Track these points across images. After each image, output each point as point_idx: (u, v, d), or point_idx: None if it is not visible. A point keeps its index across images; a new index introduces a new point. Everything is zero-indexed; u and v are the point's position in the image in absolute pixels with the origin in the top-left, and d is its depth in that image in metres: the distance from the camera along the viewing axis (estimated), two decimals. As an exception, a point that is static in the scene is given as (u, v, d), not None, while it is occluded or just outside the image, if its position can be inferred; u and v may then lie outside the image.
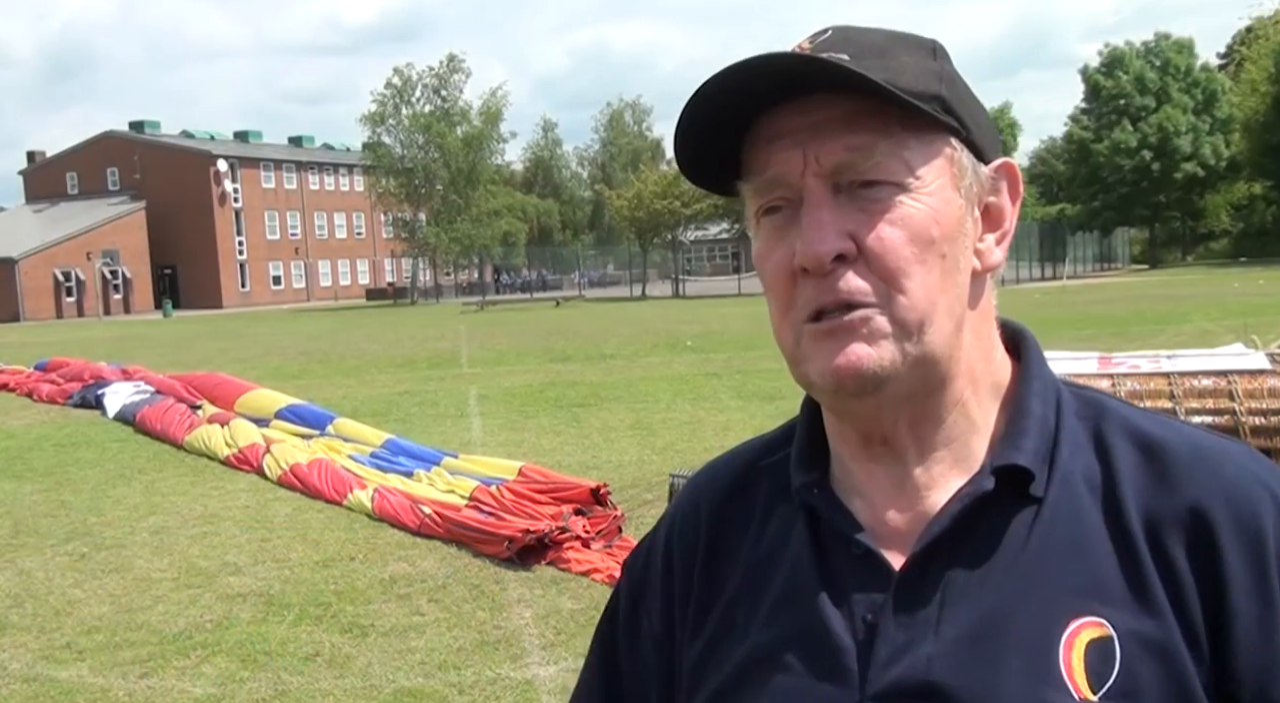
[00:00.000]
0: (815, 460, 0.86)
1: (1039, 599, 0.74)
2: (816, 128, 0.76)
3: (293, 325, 36.01)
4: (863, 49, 0.76)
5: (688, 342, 20.56)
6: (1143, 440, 0.78)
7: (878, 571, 0.78)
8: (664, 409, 11.66)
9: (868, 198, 0.75)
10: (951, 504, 0.78)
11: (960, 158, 0.78)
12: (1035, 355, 0.84)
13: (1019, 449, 0.78)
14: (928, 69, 0.78)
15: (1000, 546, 0.76)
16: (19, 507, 8.14)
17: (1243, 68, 61.55)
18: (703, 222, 56.28)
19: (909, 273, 0.75)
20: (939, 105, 0.76)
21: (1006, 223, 0.82)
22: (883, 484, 0.82)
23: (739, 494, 0.91)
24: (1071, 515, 0.76)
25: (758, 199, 0.80)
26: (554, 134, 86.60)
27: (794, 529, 0.85)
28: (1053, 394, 0.82)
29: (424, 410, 12.47)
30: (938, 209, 0.76)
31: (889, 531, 0.80)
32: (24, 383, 15.56)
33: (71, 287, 60.47)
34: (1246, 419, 2.75)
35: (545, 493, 6.86)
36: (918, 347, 0.76)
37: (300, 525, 7.10)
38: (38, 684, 4.64)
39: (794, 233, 0.77)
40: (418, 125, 57.41)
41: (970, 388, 0.81)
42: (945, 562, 0.77)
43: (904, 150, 0.76)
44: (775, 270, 0.79)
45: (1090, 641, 0.72)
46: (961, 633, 0.74)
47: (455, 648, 4.86)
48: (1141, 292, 32.28)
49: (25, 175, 74.36)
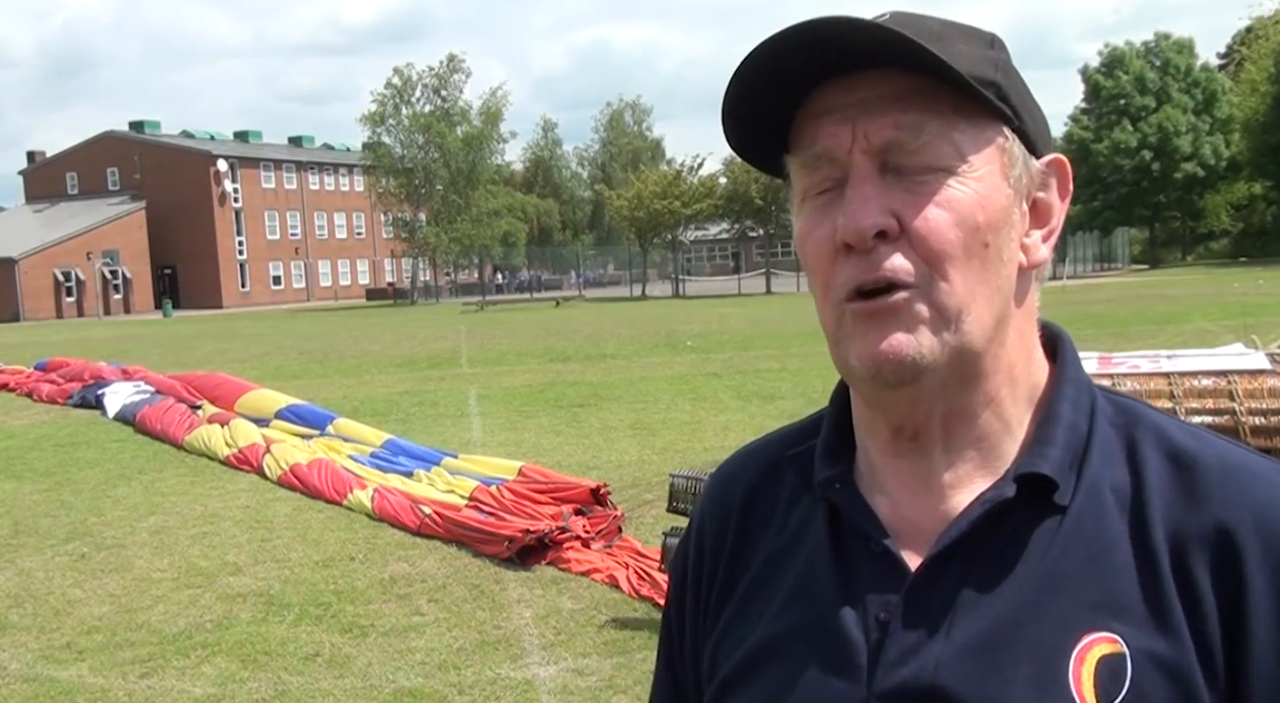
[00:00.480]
0: (841, 454, 0.85)
1: (1053, 611, 0.73)
2: (867, 104, 0.75)
3: (293, 325, 36.01)
4: (919, 32, 0.74)
5: (688, 342, 20.56)
6: (1175, 453, 0.77)
7: (894, 570, 0.78)
8: (664, 409, 11.66)
9: (915, 179, 0.74)
10: (972, 508, 0.76)
11: (1011, 148, 0.77)
12: (1072, 358, 0.83)
13: (1044, 458, 0.76)
14: (985, 56, 0.77)
15: (1018, 553, 0.75)
16: (19, 507, 8.14)
17: (1243, 68, 61.54)
18: (703, 222, 56.27)
19: (951, 257, 0.74)
20: (994, 92, 0.75)
21: (1054, 220, 0.81)
22: (907, 481, 0.81)
23: (765, 484, 0.91)
24: (1095, 527, 0.75)
25: (804, 177, 0.79)
26: (554, 134, 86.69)
27: (814, 522, 0.84)
28: (1087, 400, 0.80)
29: (424, 410, 12.47)
30: (985, 195, 0.75)
31: (910, 529, 0.80)
32: (24, 383, 15.57)
33: (71, 287, 60.45)
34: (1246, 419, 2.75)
35: (545, 493, 6.86)
36: (955, 336, 0.75)
37: (300, 525, 7.10)
38: (38, 684, 4.64)
39: (837, 211, 0.75)
40: (418, 125, 57.41)
41: (1007, 387, 0.79)
42: (962, 566, 0.76)
43: (954, 132, 0.75)
44: (816, 248, 0.77)
45: (1102, 657, 0.71)
46: (972, 639, 0.73)
47: (455, 648, 4.86)
48: (1141, 292, 32.27)
49: (25, 175, 74.35)
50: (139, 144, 69.34)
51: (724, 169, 53.39)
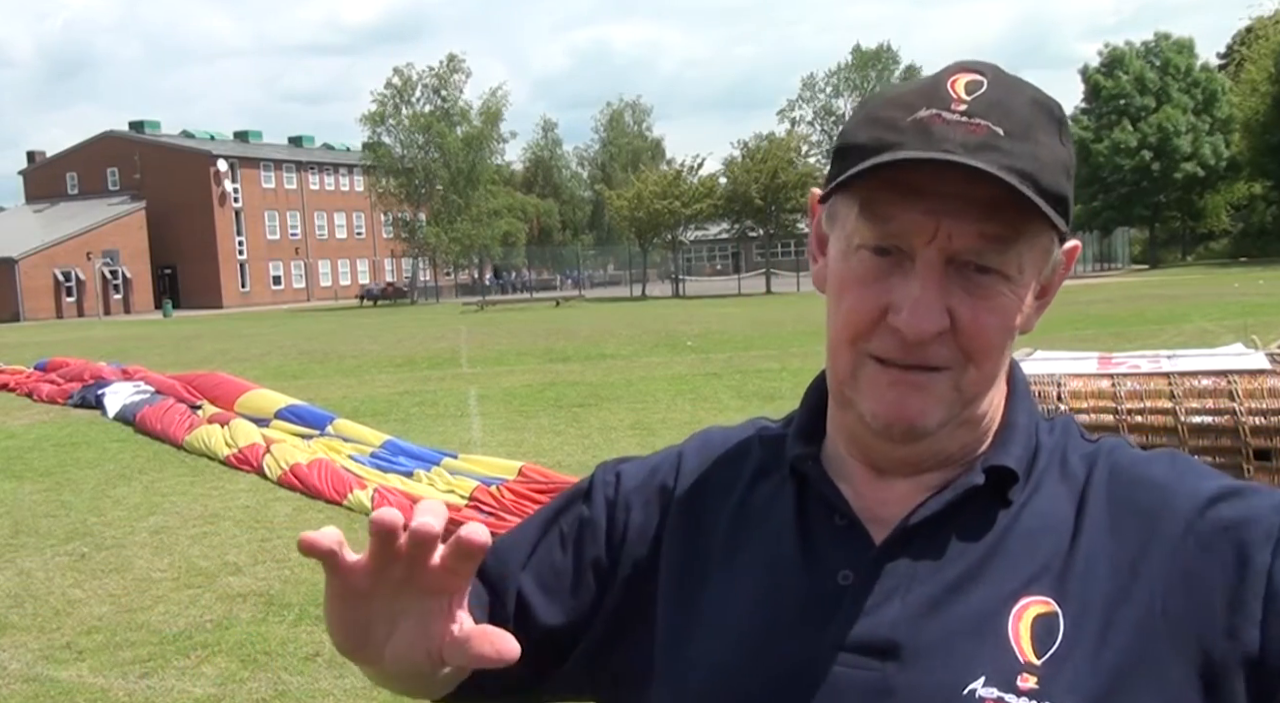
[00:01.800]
0: (812, 438, 0.91)
1: (996, 578, 0.80)
2: (957, 203, 0.76)
3: (293, 325, 36.01)
4: (1016, 125, 0.77)
5: (688, 342, 20.56)
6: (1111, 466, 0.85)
7: (857, 540, 0.84)
8: (664, 409, 11.66)
9: (976, 281, 0.78)
10: (945, 492, 0.83)
11: (1053, 251, 0.82)
12: (1022, 381, 0.91)
13: (1008, 454, 0.84)
14: (1061, 160, 0.79)
15: (972, 534, 0.82)
16: (19, 507, 8.14)
17: (1243, 68, 61.52)
18: (703, 222, 56.28)
19: (990, 355, 0.81)
20: (1063, 208, 0.78)
21: (1050, 294, 0.86)
22: (872, 481, 0.87)
23: (731, 461, 0.96)
24: (1037, 517, 0.83)
25: (865, 234, 0.80)
26: (554, 134, 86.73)
27: (780, 499, 0.90)
28: (1034, 415, 0.89)
29: (424, 410, 12.47)
30: (1025, 302, 0.81)
31: (872, 515, 0.86)
32: (24, 383, 15.57)
33: (71, 287, 60.47)
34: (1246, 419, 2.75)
35: (545, 493, 6.87)
36: (969, 410, 0.83)
37: (300, 525, 7.09)
38: (38, 684, 4.64)
39: (890, 282, 0.79)
40: (418, 125, 57.46)
41: (982, 426, 0.87)
42: (923, 542, 0.83)
43: (1023, 246, 0.78)
44: (859, 307, 0.81)
45: (1037, 615, 0.78)
46: (924, 600, 0.80)
47: (455, 648, 4.86)
48: (1141, 292, 32.26)
49: (25, 175, 74.36)
50: (139, 144, 69.35)
51: (724, 169, 53.41)
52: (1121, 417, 2.80)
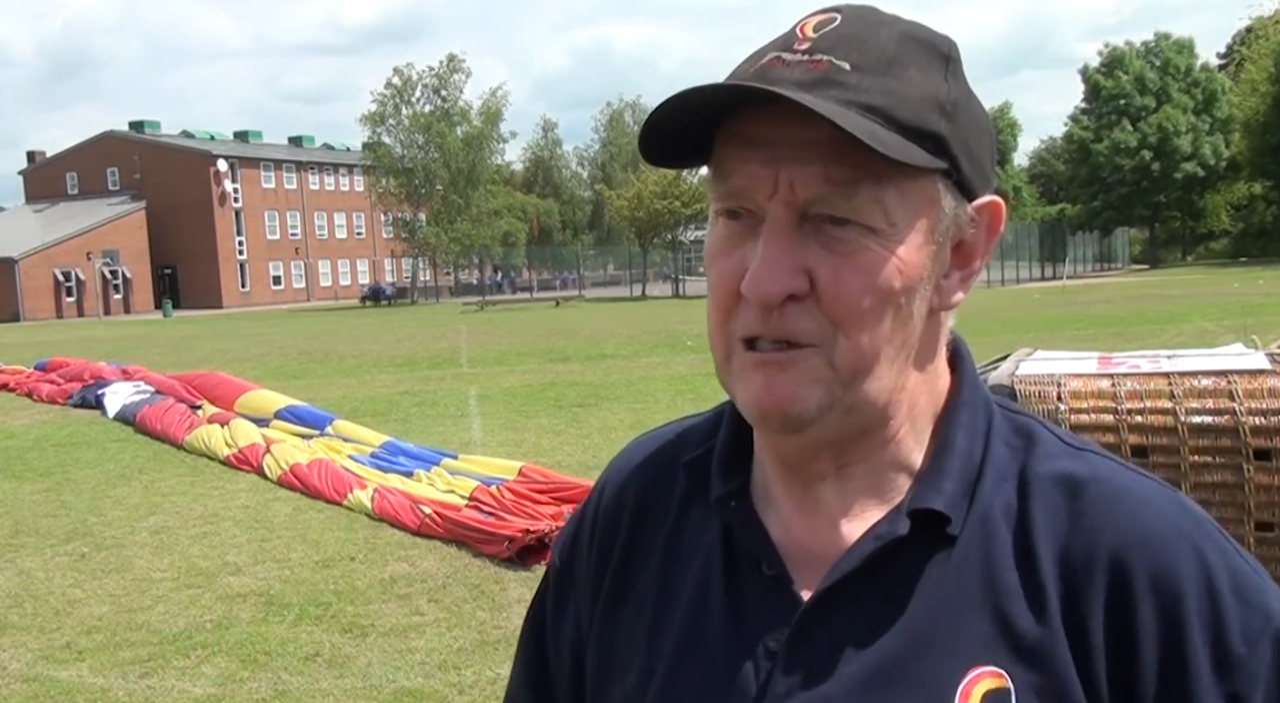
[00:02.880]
0: (737, 466, 0.82)
1: (940, 646, 0.71)
2: (795, 148, 0.69)
3: (293, 325, 36.02)
4: (868, 57, 0.69)
5: (688, 342, 20.55)
6: (1066, 479, 0.74)
7: (785, 598, 0.76)
8: (664, 409, 11.66)
9: (833, 235, 0.70)
10: (864, 543, 0.74)
11: (943, 201, 0.72)
12: (969, 379, 0.80)
13: (938, 491, 0.74)
14: (933, 95, 0.71)
15: (908, 587, 0.74)
16: (19, 507, 8.14)
17: (1243, 68, 61.54)
18: (703, 222, 56.21)
19: (860, 322, 0.70)
20: (933, 145, 0.70)
21: (976, 263, 0.76)
22: (799, 504, 0.79)
23: (658, 485, 0.88)
24: (983, 557, 0.73)
25: (718, 195, 0.74)
26: (554, 134, 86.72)
27: (708, 534, 0.82)
28: (983, 422, 0.78)
29: (424, 410, 12.47)
30: (905, 260, 0.70)
31: (801, 553, 0.78)
32: (24, 383, 15.57)
33: (71, 287, 60.48)
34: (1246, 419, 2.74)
35: (545, 493, 6.86)
36: (851, 394, 0.72)
37: (300, 525, 7.10)
38: (38, 684, 4.64)
39: (749, 247, 0.71)
40: (418, 125, 57.47)
41: (908, 424, 0.77)
42: (852, 600, 0.74)
43: (886, 193, 0.69)
44: (721, 279, 0.74)
45: (987, 691, 0.70)
46: (859, 675, 0.72)
47: (455, 648, 4.86)
48: (1141, 292, 32.27)
49: (25, 175, 74.37)
50: (139, 144, 69.36)
51: (724, 169, 53.44)
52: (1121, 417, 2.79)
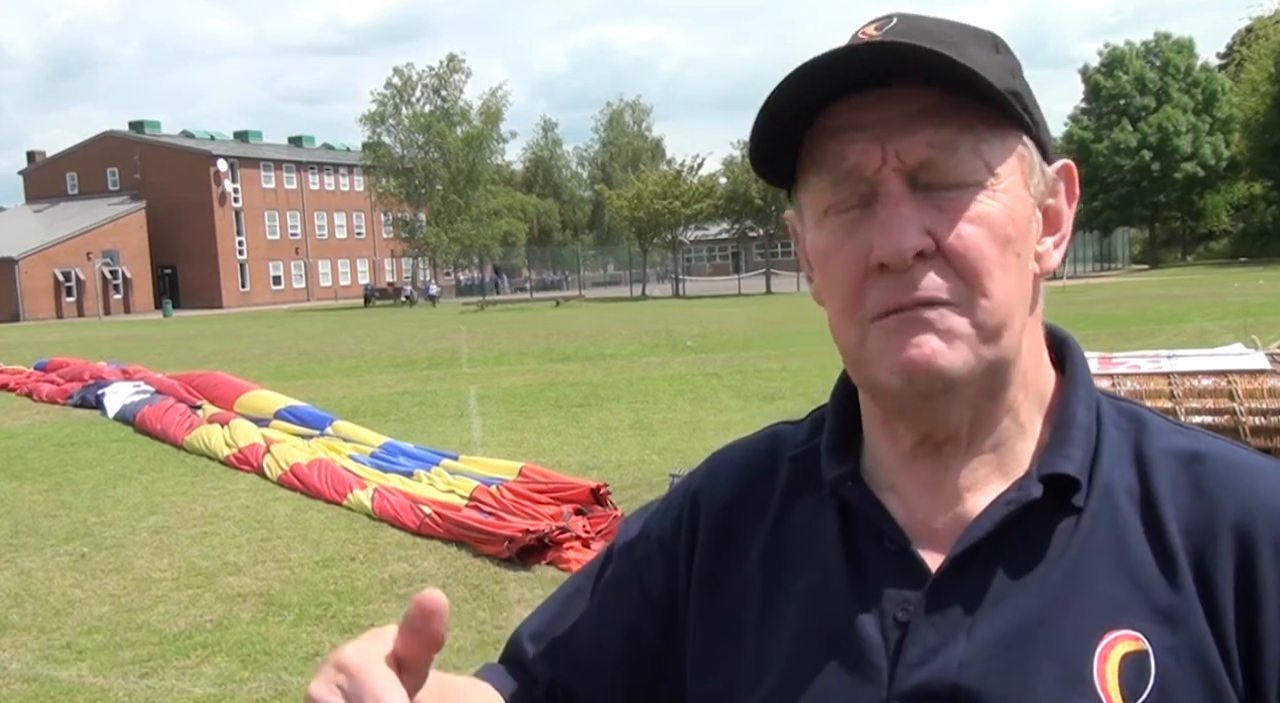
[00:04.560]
0: (847, 452, 0.83)
1: (1076, 610, 0.72)
2: (897, 121, 0.73)
3: (293, 325, 36.01)
4: (934, 40, 0.72)
5: (688, 342, 20.55)
6: (1182, 454, 0.77)
7: (913, 568, 0.77)
8: (664, 409, 11.66)
9: (946, 195, 0.73)
10: (995, 508, 0.75)
11: (1030, 157, 0.77)
12: (1080, 364, 0.82)
13: (1067, 458, 0.76)
14: (999, 63, 0.76)
15: (1040, 553, 0.75)
16: (19, 507, 8.14)
17: (1243, 68, 61.53)
18: (703, 222, 56.31)
19: (991, 273, 0.73)
20: (1017, 101, 0.74)
21: (1064, 226, 0.80)
22: (923, 483, 0.79)
23: (759, 481, 0.88)
24: (1111, 527, 0.75)
25: (827, 195, 0.76)
26: (554, 134, 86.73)
27: (822, 522, 0.82)
28: (1094, 404, 0.80)
29: (424, 410, 12.47)
30: (1012, 207, 0.74)
31: (923, 529, 0.78)
32: (24, 383, 15.57)
33: (71, 287, 60.47)
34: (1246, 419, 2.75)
35: (545, 493, 6.86)
36: (994, 350, 0.74)
37: (300, 525, 7.10)
38: (38, 684, 4.64)
39: (867, 229, 0.74)
40: (418, 125, 57.47)
41: (1023, 392, 0.79)
42: (984, 565, 0.75)
43: (983, 146, 0.73)
44: (846, 267, 0.75)
45: (1125, 654, 0.71)
46: (995, 638, 0.73)
47: (455, 648, 4.85)
48: (1141, 292, 32.26)
49: (25, 175, 74.36)
50: (139, 144, 69.35)
51: (724, 169, 53.45)
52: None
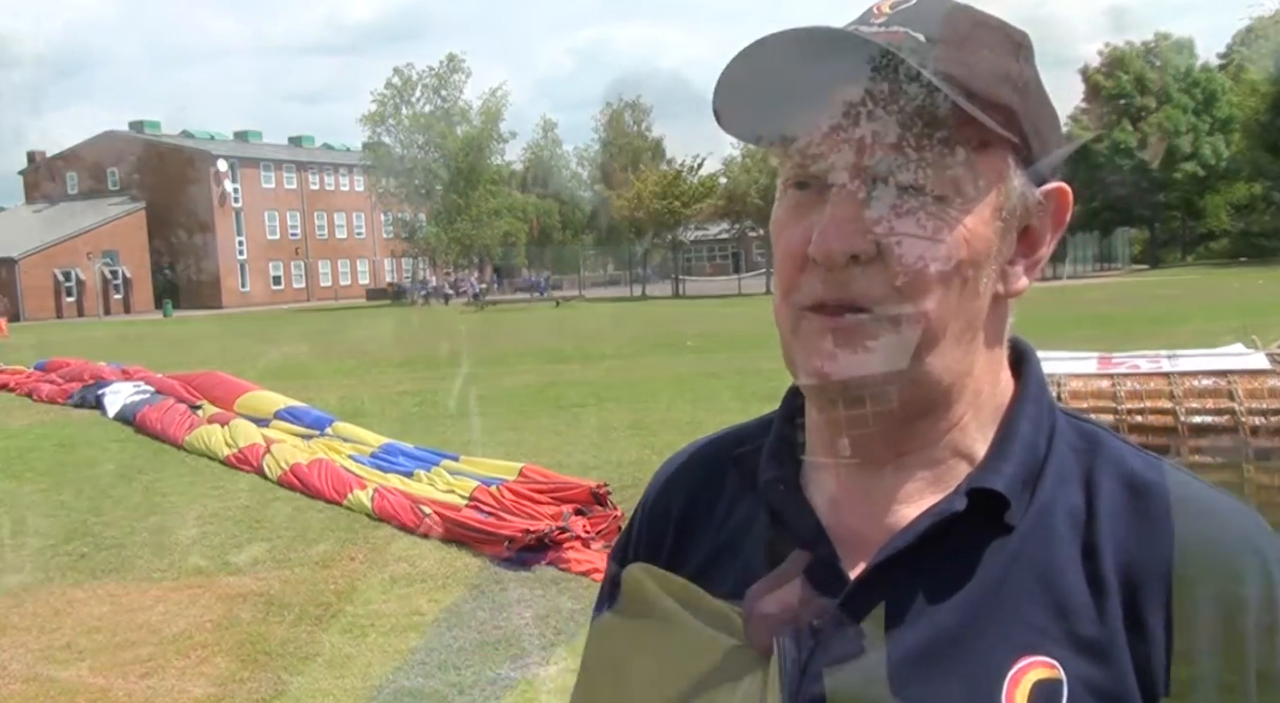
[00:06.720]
0: (787, 456, 0.82)
1: (993, 631, 0.70)
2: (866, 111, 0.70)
3: (293, 325, 36.00)
4: (944, 32, 0.70)
5: (688, 342, 20.56)
6: (1133, 482, 0.74)
7: (832, 577, 0.75)
8: (664, 409, 11.66)
9: (901, 201, 0.70)
10: (920, 520, 0.73)
11: (1011, 178, 0.72)
12: (1036, 378, 0.80)
13: (998, 473, 0.73)
14: (1004, 71, 0.71)
15: (964, 570, 0.72)
16: (19, 507, 8.14)
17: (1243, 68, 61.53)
18: (703, 222, 56.33)
19: (929, 289, 0.70)
20: (1004, 118, 0.70)
21: (1042, 250, 0.77)
22: (853, 490, 0.78)
23: (709, 482, 0.88)
24: (1043, 549, 0.72)
25: (787, 164, 0.74)
26: (554, 134, 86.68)
27: (756, 522, 0.82)
28: (1048, 421, 0.77)
29: (424, 410, 12.46)
30: (971, 230, 0.71)
31: (852, 537, 0.76)
32: (24, 383, 15.54)
33: (71, 287, 60.45)
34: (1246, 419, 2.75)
35: (545, 493, 6.86)
36: (915, 367, 0.71)
37: (300, 525, 7.09)
38: (38, 684, 4.64)
39: (816, 214, 0.71)
40: (418, 125, 57.43)
41: (971, 411, 0.76)
42: (903, 577, 0.73)
43: (954, 160, 0.70)
44: (787, 247, 0.73)
45: (1038, 681, 0.68)
46: (905, 653, 0.71)
47: (455, 648, 4.86)
48: (1141, 292, 32.27)
49: (25, 175, 74.34)
50: (139, 144, 69.31)
51: (724, 169, 53.48)
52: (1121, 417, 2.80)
